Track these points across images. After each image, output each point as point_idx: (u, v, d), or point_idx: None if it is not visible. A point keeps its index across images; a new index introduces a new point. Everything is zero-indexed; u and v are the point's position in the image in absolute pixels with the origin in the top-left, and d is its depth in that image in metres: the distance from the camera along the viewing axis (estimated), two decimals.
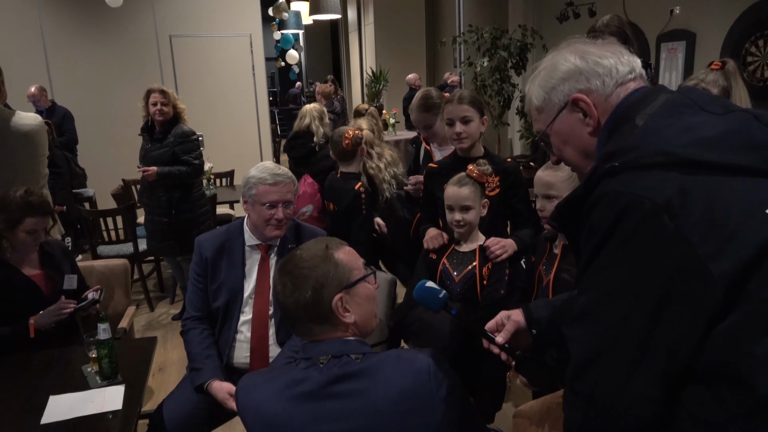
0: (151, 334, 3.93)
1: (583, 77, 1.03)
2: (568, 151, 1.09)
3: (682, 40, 4.66)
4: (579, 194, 0.96)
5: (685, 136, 0.88)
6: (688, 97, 0.96)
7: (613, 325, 0.88)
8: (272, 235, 2.04)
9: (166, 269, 4.95)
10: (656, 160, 0.87)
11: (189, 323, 2.07)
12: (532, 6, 6.80)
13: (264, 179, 2.01)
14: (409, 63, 9.83)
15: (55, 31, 5.89)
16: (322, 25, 14.36)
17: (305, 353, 1.24)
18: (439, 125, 2.68)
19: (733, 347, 0.82)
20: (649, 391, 0.86)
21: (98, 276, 2.64)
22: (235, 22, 6.42)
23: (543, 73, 1.09)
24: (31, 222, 2.18)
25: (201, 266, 2.08)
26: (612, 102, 1.01)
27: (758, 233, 0.82)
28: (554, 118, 1.07)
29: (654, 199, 0.84)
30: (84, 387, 1.81)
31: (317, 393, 1.17)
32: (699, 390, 0.86)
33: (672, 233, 0.82)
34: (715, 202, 0.83)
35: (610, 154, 0.92)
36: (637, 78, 1.03)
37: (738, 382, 0.82)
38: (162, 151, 3.68)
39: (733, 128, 0.89)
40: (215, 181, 5.22)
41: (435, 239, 2.19)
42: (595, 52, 1.04)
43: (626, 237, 0.86)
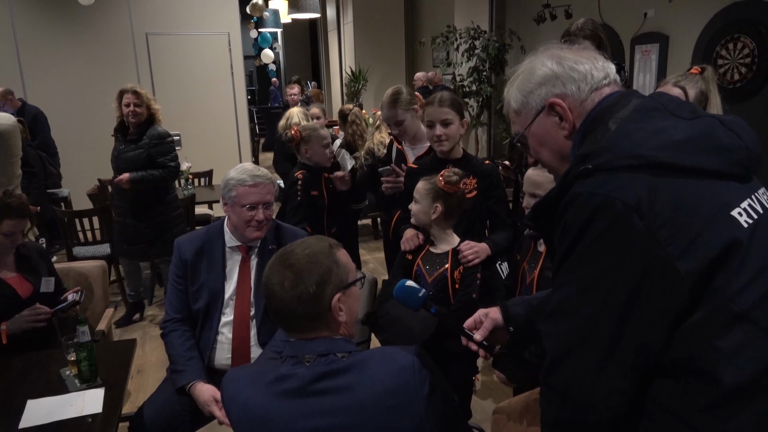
0: (128, 335, 3.89)
1: (559, 82, 1.06)
2: (545, 153, 1.12)
3: (655, 43, 4.76)
4: (554, 194, 1.00)
5: (654, 140, 0.92)
6: (658, 102, 1.00)
7: (586, 320, 0.92)
8: (252, 236, 2.04)
9: (143, 270, 4.90)
10: (627, 162, 0.91)
11: (169, 325, 2.06)
12: (509, 8, 6.86)
13: (243, 180, 2.00)
14: (388, 63, 9.85)
15: (27, 28, 5.78)
16: (301, 24, 14.28)
17: (291, 351, 1.24)
18: (410, 122, 2.68)
19: (700, 342, 0.87)
20: (620, 384, 0.90)
21: (75, 278, 2.60)
22: (212, 20, 6.37)
23: (521, 76, 1.12)
24: (8, 224, 2.15)
25: (180, 268, 2.07)
26: (587, 107, 1.05)
27: (723, 233, 0.88)
28: (531, 121, 1.10)
29: (624, 199, 0.87)
30: (63, 390, 1.80)
31: (303, 389, 1.19)
32: (667, 383, 0.90)
33: (642, 232, 0.86)
34: (683, 204, 0.88)
35: (584, 157, 0.96)
36: (611, 83, 1.07)
37: (704, 375, 0.87)
38: (137, 152, 3.63)
39: (700, 132, 0.93)
40: (193, 181, 5.17)
41: (411, 240, 2.21)
42: (571, 58, 1.07)
43: (598, 236, 0.90)
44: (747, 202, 0.92)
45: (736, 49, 4.10)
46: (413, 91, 2.72)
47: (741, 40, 4.06)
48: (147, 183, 3.63)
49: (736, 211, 0.90)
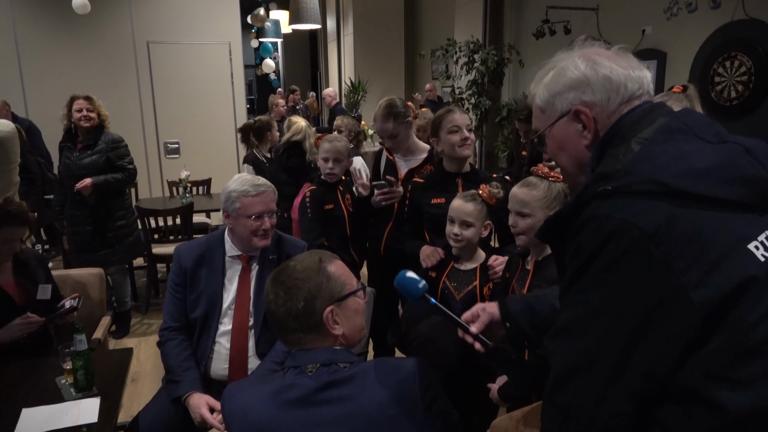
0: (124, 343, 3.88)
1: (589, 89, 1.02)
2: (563, 157, 1.10)
3: (653, 59, 4.80)
4: (568, 211, 0.97)
5: (676, 166, 0.90)
6: (684, 122, 0.97)
7: (594, 343, 0.90)
8: (260, 245, 2.03)
9: (139, 278, 4.89)
10: (648, 188, 0.89)
11: (166, 334, 2.05)
12: (508, 22, 6.92)
13: (247, 192, 2.00)
14: (387, 74, 9.91)
15: (29, 36, 5.79)
16: (302, 34, 14.36)
17: (294, 361, 1.25)
18: (404, 134, 2.66)
19: (709, 373, 0.86)
20: (624, 407, 0.89)
21: (72, 285, 2.59)
22: (214, 30, 6.40)
23: (552, 74, 1.08)
24: (8, 231, 2.14)
25: (180, 276, 2.06)
26: (613, 119, 1.02)
27: (739, 268, 0.86)
28: (554, 122, 1.07)
29: (642, 226, 0.85)
30: (58, 399, 1.79)
31: (305, 399, 1.19)
32: (673, 408, 0.89)
33: (657, 261, 0.85)
34: (701, 234, 0.86)
35: (603, 176, 0.94)
36: (643, 94, 1.03)
37: (711, 403, 0.86)
38: (94, 157, 3.64)
39: (725, 161, 0.91)
40: (192, 190, 5.17)
41: (431, 256, 2.18)
42: (607, 65, 1.02)
43: (612, 261, 0.88)
44: (765, 235, 0.90)
45: (733, 67, 4.14)
46: (407, 103, 2.71)
47: (738, 58, 4.10)
48: (110, 186, 3.66)
49: (753, 245, 0.89)
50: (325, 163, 2.72)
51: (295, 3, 7.04)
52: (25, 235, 2.23)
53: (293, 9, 7.08)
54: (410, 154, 2.73)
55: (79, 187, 3.53)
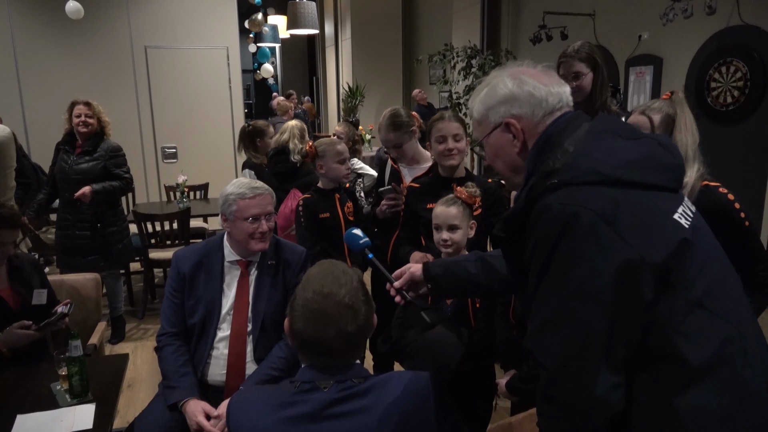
0: (120, 348, 3.86)
1: (517, 104, 1.17)
2: (498, 163, 1.25)
3: (649, 65, 4.82)
4: (522, 207, 1.10)
5: (609, 159, 1.05)
6: (605, 125, 1.14)
7: (578, 326, 0.99)
8: (257, 248, 2.03)
9: (136, 283, 4.88)
10: (589, 178, 1.03)
11: (164, 339, 2.04)
12: (505, 27, 6.95)
13: (243, 194, 2.00)
14: (385, 79, 9.93)
15: (26, 41, 5.79)
16: (299, 39, 14.39)
17: (307, 377, 1.24)
18: (408, 144, 2.66)
19: (665, 330, 1.00)
20: (616, 378, 0.99)
21: (68, 290, 2.59)
22: (212, 35, 6.40)
23: (485, 90, 1.22)
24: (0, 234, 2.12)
25: (178, 281, 2.06)
26: (539, 129, 1.16)
27: (674, 233, 1.02)
28: (489, 133, 1.21)
29: (593, 208, 0.99)
30: (53, 405, 1.78)
31: (318, 415, 1.18)
32: (640, 376, 1.01)
33: (611, 235, 0.98)
34: (640, 211, 1.01)
35: (548, 173, 1.07)
36: (564, 107, 1.18)
37: (672, 359, 0.99)
38: (92, 164, 3.67)
39: (646, 152, 1.08)
40: (189, 194, 5.17)
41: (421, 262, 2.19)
42: (531, 83, 1.17)
43: (573, 244, 0.99)
44: (681, 209, 1.08)
45: (729, 72, 4.16)
46: (411, 112, 2.72)
47: (734, 63, 4.12)
48: (108, 194, 3.69)
49: (677, 216, 1.05)
50: (342, 164, 2.71)
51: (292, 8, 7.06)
52: (17, 238, 2.22)
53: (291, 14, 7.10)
54: (415, 163, 2.73)
55: (78, 195, 3.54)
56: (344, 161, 2.73)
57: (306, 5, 7.04)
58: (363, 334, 1.25)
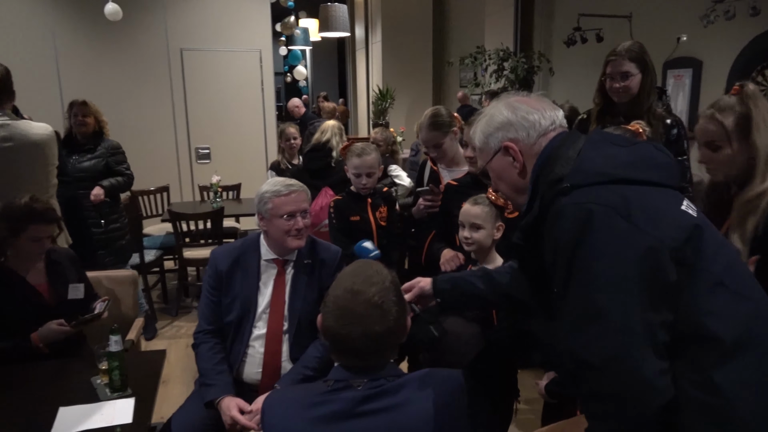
0: (154, 345, 3.93)
1: (513, 128, 1.27)
2: (502, 185, 1.34)
3: (688, 68, 4.71)
4: (536, 213, 1.19)
5: (610, 162, 1.14)
6: (601, 136, 1.25)
7: (614, 317, 1.02)
8: (294, 245, 2.03)
9: (170, 281, 4.96)
10: (597, 179, 1.12)
11: (201, 337, 2.07)
12: (538, 30, 6.87)
13: (278, 191, 2.02)
14: (415, 82, 9.91)
15: (67, 43, 5.95)
16: (330, 42, 14.47)
17: (340, 375, 1.25)
18: (449, 145, 2.64)
19: (693, 311, 1.04)
20: (661, 363, 1.02)
21: (107, 286, 2.64)
22: (245, 38, 6.48)
23: (484, 119, 1.32)
24: (35, 229, 2.13)
25: (215, 279, 2.07)
26: (536, 150, 1.25)
27: (686, 219, 1.09)
28: (491, 158, 1.31)
29: (607, 204, 1.06)
30: (93, 399, 1.81)
31: (347, 412, 1.19)
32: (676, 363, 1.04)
33: (627, 227, 1.04)
34: (649, 203, 1.08)
35: (557, 180, 1.15)
36: (557, 128, 1.28)
37: (704, 339, 1.04)
38: (94, 161, 3.77)
39: (642, 154, 1.17)
40: (222, 194, 5.23)
41: (452, 261, 2.19)
42: (524, 108, 1.27)
43: (594, 239, 1.05)
44: (686, 202, 1.15)
45: None
46: (452, 113, 2.69)
47: None
48: (115, 190, 3.81)
49: (683, 207, 1.13)
50: (357, 178, 2.68)
51: (324, 11, 7.11)
52: (54, 233, 2.22)
53: (323, 17, 7.15)
54: (455, 165, 2.71)
55: (93, 199, 3.63)
56: (360, 176, 2.65)
57: (337, 8, 7.09)
58: (393, 336, 1.24)
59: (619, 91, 2.36)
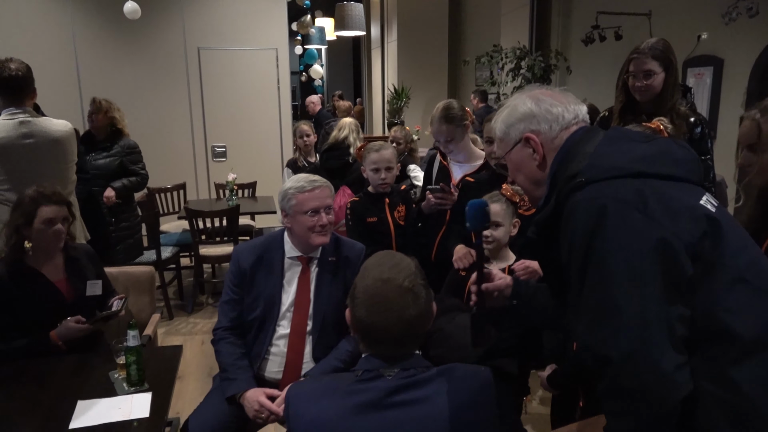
0: (170, 342, 3.96)
1: (535, 120, 1.26)
2: (520, 177, 1.33)
3: (709, 66, 4.64)
4: (551, 209, 1.18)
5: (626, 156, 1.14)
6: (618, 132, 1.25)
7: (631, 311, 1.01)
8: (318, 242, 2.01)
9: (186, 278, 4.99)
10: (612, 174, 1.11)
11: (221, 333, 2.06)
12: (555, 28, 6.82)
13: (302, 187, 2.00)
14: (431, 81, 9.89)
15: (87, 43, 6.03)
16: (345, 41, 14.50)
17: (370, 365, 1.24)
18: (460, 138, 2.60)
19: (711, 307, 1.03)
20: (680, 357, 1.01)
21: (124, 283, 2.66)
22: (262, 37, 6.52)
23: (506, 111, 1.32)
24: (45, 211, 2.14)
25: (238, 276, 2.05)
26: (557, 143, 1.25)
27: (702, 213, 1.07)
28: (510, 149, 1.31)
29: (622, 197, 1.06)
30: (111, 393, 1.83)
31: (378, 403, 1.19)
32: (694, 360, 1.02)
33: (642, 220, 1.04)
34: (665, 197, 1.07)
35: (573, 176, 1.15)
36: (580, 122, 1.27)
37: (721, 335, 1.02)
38: (109, 159, 3.81)
39: (659, 149, 1.16)
40: (238, 192, 5.26)
41: (464, 258, 2.18)
42: (548, 101, 1.27)
43: (607, 233, 1.04)
44: (705, 197, 1.13)
45: None
46: (464, 107, 2.67)
47: None
48: (126, 191, 3.84)
49: (702, 201, 1.11)
50: (375, 174, 2.65)
51: (340, 10, 7.12)
52: (65, 214, 2.22)
53: (338, 16, 7.16)
54: (466, 159, 2.68)
55: (106, 201, 3.67)
56: (379, 170, 2.63)
57: (353, 7, 7.09)
58: (424, 320, 1.26)
59: (642, 89, 2.33)
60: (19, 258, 2.18)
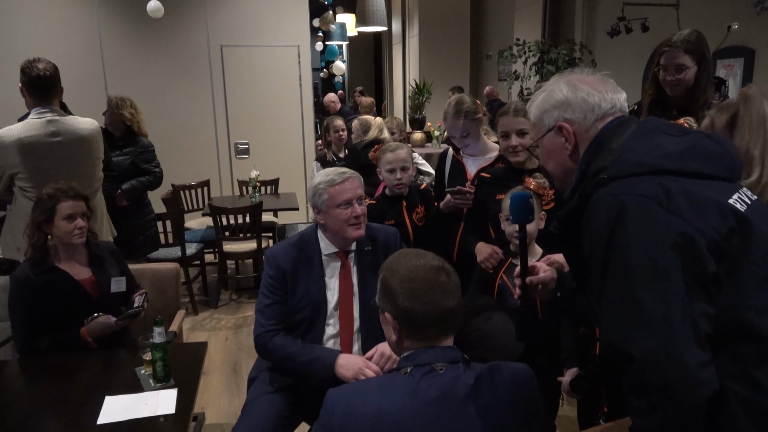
0: (195, 337, 4.01)
1: (570, 109, 1.24)
2: (551, 164, 1.32)
3: (740, 57, 4.52)
4: (575, 204, 1.17)
5: (654, 152, 1.11)
6: (653, 125, 1.20)
7: (653, 307, 0.99)
8: (355, 235, 1.96)
9: (210, 273, 5.05)
10: (636, 170, 1.09)
11: (268, 334, 1.95)
12: (578, 21, 6.71)
13: (333, 180, 1.96)
14: (452, 76, 9.81)
15: (112, 41, 6.12)
16: (366, 37, 14.47)
17: (415, 360, 1.23)
18: (474, 133, 2.56)
19: (737, 306, 1.01)
20: (704, 354, 0.98)
21: (150, 279, 2.69)
22: (284, 34, 6.54)
23: (543, 95, 1.29)
24: (65, 206, 2.18)
25: (278, 278, 1.98)
26: (591, 134, 1.22)
27: (731, 212, 1.04)
28: (543, 135, 1.29)
29: (645, 194, 1.04)
30: (138, 389, 1.85)
31: (443, 397, 1.18)
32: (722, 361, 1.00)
33: (663, 214, 1.02)
34: (691, 194, 1.04)
35: (597, 172, 1.14)
36: (617, 112, 1.24)
37: (746, 335, 1.01)
38: (121, 158, 3.84)
39: (690, 144, 1.13)
40: (260, 189, 5.29)
41: (491, 258, 2.15)
42: (585, 89, 1.23)
43: (628, 229, 1.03)
44: (737, 195, 1.09)
45: None
46: (476, 100, 2.64)
47: None
48: (136, 191, 3.86)
49: (731, 200, 1.07)
50: (391, 174, 2.60)
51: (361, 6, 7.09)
52: (84, 210, 2.25)
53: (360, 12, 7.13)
54: (480, 153, 2.65)
55: (119, 203, 3.71)
56: (394, 171, 2.59)
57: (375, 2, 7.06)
58: (460, 298, 1.27)
59: (673, 83, 2.26)
60: (43, 257, 2.22)
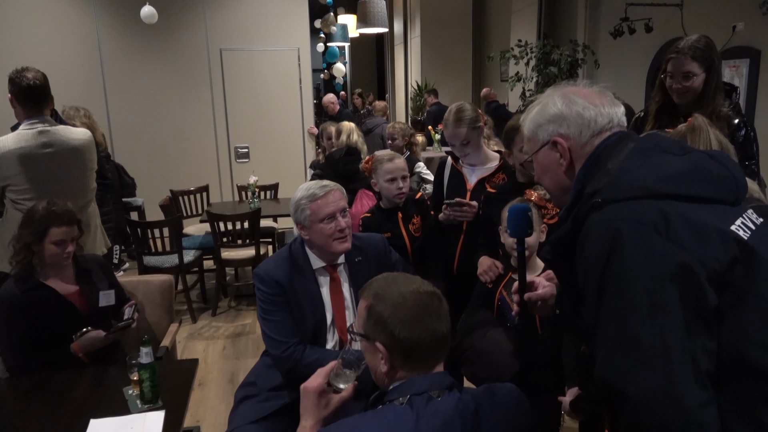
0: (193, 346, 3.96)
1: (565, 123, 1.18)
2: (546, 180, 1.26)
3: (745, 58, 4.44)
4: (568, 229, 1.10)
5: (652, 174, 1.04)
6: (652, 142, 1.13)
7: (651, 343, 0.93)
8: (341, 249, 1.93)
9: (209, 280, 5.00)
10: (633, 193, 1.02)
11: (301, 348, 1.90)
12: (584, 21, 6.63)
13: (314, 195, 1.93)
14: (454, 77, 9.77)
15: (111, 45, 6.07)
16: (368, 38, 14.42)
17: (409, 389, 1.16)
18: (475, 141, 2.49)
19: (740, 341, 0.94)
20: (705, 394, 0.92)
21: (143, 292, 2.64)
22: (283, 36, 6.49)
23: (537, 108, 1.24)
24: (56, 232, 2.14)
25: (279, 294, 1.93)
26: (587, 150, 1.17)
27: (734, 241, 0.97)
28: (537, 150, 1.24)
29: (641, 221, 0.98)
30: (124, 410, 1.80)
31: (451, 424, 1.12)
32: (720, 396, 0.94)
33: (662, 243, 0.96)
34: (691, 221, 0.98)
35: (591, 194, 1.07)
36: (614, 127, 1.18)
37: (750, 371, 0.94)
38: None
39: (692, 166, 1.06)
40: (259, 194, 5.24)
41: (490, 271, 2.10)
42: (581, 103, 1.17)
43: (624, 259, 0.97)
44: (740, 221, 1.02)
45: None
46: (477, 108, 2.57)
47: None
48: None
49: (734, 227, 1.00)
50: (392, 183, 2.53)
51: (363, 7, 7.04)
52: (75, 235, 2.21)
53: (361, 13, 7.08)
54: (480, 162, 2.59)
55: None
56: (395, 180, 2.53)
57: (376, 4, 7.00)
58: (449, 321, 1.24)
59: (681, 91, 2.19)
60: (29, 273, 2.17)
